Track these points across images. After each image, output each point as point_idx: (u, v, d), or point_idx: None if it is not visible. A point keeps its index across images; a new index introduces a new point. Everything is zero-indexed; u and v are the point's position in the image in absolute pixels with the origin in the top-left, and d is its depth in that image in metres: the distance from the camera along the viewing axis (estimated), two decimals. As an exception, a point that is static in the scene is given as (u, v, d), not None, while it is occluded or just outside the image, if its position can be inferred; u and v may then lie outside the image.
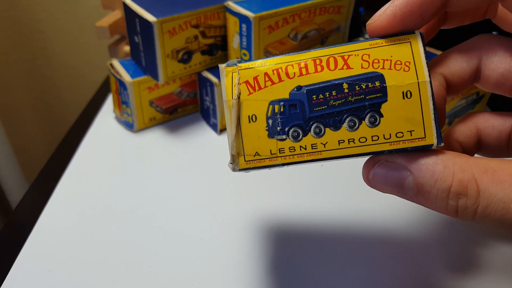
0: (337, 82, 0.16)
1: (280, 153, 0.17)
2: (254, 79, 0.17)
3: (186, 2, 0.33)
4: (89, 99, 0.44)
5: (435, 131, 0.16)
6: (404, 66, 0.16)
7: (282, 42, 0.34)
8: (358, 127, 0.16)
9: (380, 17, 0.17)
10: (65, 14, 0.69)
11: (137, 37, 0.34)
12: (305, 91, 0.17)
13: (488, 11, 0.20)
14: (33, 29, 0.71)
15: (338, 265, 0.26)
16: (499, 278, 0.25)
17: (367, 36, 0.37)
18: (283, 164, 0.17)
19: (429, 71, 0.16)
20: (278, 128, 0.17)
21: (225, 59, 0.37)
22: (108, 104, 0.42)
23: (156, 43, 0.32)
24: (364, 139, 0.16)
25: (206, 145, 0.36)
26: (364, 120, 0.16)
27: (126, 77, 0.35)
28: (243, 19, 0.32)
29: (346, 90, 0.16)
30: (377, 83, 0.16)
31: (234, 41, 0.34)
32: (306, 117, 0.17)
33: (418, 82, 0.16)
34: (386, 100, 0.16)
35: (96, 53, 0.73)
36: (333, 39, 0.38)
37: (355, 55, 0.16)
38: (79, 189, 0.32)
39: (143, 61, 0.35)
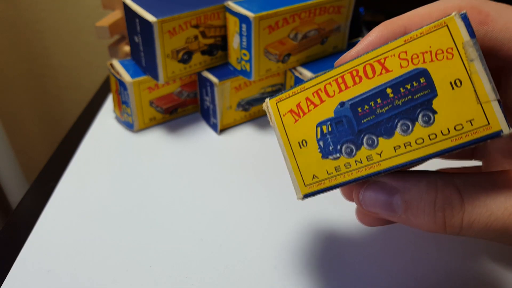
0: (379, 89, 0.15)
1: (337, 171, 0.17)
2: (297, 106, 0.17)
3: (186, 2, 0.33)
4: (89, 99, 0.44)
5: (499, 114, 0.14)
6: (446, 54, 0.14)
7: (282, 42, 0.34)
8: (412, 130, 0.15)
9: (345, 57, 0.18)
10: (65, 14, 0.70)
11: (137, 37, 0.34)
12: (348, 106, 0.16)
13: None
14: (33, 29, 0.71)
15: (338, 265, 0.26)
16: (499, 278, 0.25)
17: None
18: (344, 183, 0.17)
19: (478, 50, 0.14)
20: (330, 148, 0.17)
21: (225, 59, 0.37)
22: (108, 104, 0.42)
23: (156, 43, 0.32)
24: (421, 140, 0.15)
25: (206, 145, 0.36)
26: (417, 121, 0.15)
27: (126, 77, 0.35)
28: (243, 19, 0.32)
29: (391, 95, 0.15)
30: (422, 80, 0.15)
31: (234, 41, 0.34)
32: (356, 131, 0.16)
33: (464, 66, 0.14)
34: (436, 95, 0.14)
35: (96, 53, 0.73)
36: (333, 39, 0.38)
37: (391, 55, 0.15)
38: (79, 189, 0.32)
39: (143, 61, 0.35)
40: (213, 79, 0.35)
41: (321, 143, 0.17)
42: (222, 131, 0.38)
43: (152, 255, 0.27)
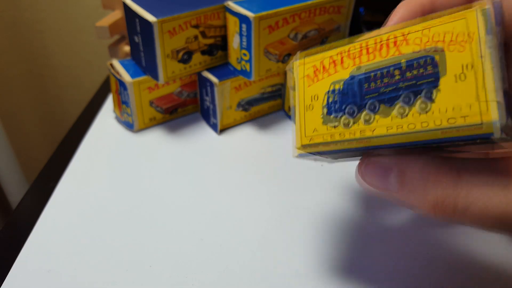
0: (393, 63, 0.16)
1: (331, 138, 0.17)
2: (319, 65, 0.18)
3: (186, 2, 0.33)
4: (89, 99, 0.44)
5: (495, 116, 0.13)
6: (460, 45, 0.14)
7: (282, 42, 0.34)
8: (408, 112, 0.15)
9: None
10: (65, 14, 0.70)
11: (137, 37, 0.34)
12: (360, 76, 0.17)
13: None
14: (33, 29, 0.71)
15: (337, 265, 0.26)
16: (498, 277, 0.25)
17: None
18: (334, 151, 0.17)
19: (491, 47, 0.14)
20: (336, 106, 0.17)
21: (225, 59, 0.37)
22: (108, 104, 0.42)
23: (156, 43, 0.32)
24: (413, 126, 0.15)
25: (206, 145, 0.36)
26: (420, 95, 0.15)
27: (126, 77, 0.35)
28: (243, 19, 0.32)
29: (398, 74, 0.16)
30: (429, 67, 0.15)
31: (234, 41, 0.34)
32: (359, 99, 0.17)
33: (473, 60, 0.14)
34: (438, 85, 0.15)
35: (96, 53, 0.74)
36: (333, 39, 0.38)
37: (415, 30, 0.16)
38: (79, 189, 0.32)
39: (143, 61, 0.35)
40: (213, 79, 0.35)
41: (325, 107, 0.18)
42: (222, 131, 0.38)
43: (152, 255, 0.27)
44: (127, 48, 0.41)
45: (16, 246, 0.27)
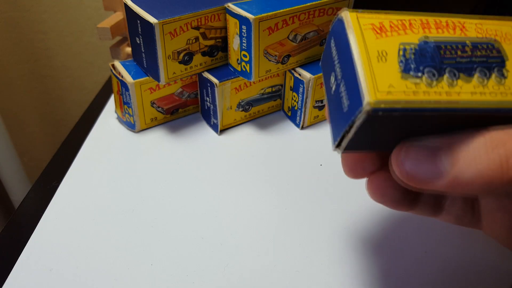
0: (460, 41, 0.17)
1: (416, 88, 0.16)
2: (380, 24, 0.17)
3: (187, 4, 0.33)
4: (91, 100, 0.44)
5: None
6: (509, 41, 0.17)
7: (282, 43, 0.34)
8: (488, 81, 0.16)
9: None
10: (67, 15, 0.70)
11: (138, 38, 0.34)
12: (433, 45, 0.17)
13: None
14: (34, 30, 0.72)
15: (336, 265, 0.26)
16: (496, 277, 0.25)
17: None
18: (420, 109, 0.15)
19: None
20: (413, 66, 0.16)
21: (225, 60, 0.37)
22: (110, 104, 0.42)
23: (157, 45, 0.32)
24: (495, 95, 0.16)
25: (207, 145, 0.37)
26: (493, 72, 0.16)
27: (127, 78, 0.35)
28: (243, 20, 0.32)
29: (469, 51, 0.17)
30: (494, 51, 0.17)
31: (234, 43, 0.34)
32: (438, 63, 0.16)
33: None
34: (505, 65, 0.17)
35: (98, 54, 0.74)
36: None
37: (469, 23, 0.17)
38: (81, 188, 0.32)
39: (145, 62, 0.35)
40: (214, 79, 0.35)
41: (402, 59, 0.16)
42: (222, 131, 0.38)
43: (153, 254, 0.27)
44: (128, 49, 0.42)
45: (18, 245, 0.27)
